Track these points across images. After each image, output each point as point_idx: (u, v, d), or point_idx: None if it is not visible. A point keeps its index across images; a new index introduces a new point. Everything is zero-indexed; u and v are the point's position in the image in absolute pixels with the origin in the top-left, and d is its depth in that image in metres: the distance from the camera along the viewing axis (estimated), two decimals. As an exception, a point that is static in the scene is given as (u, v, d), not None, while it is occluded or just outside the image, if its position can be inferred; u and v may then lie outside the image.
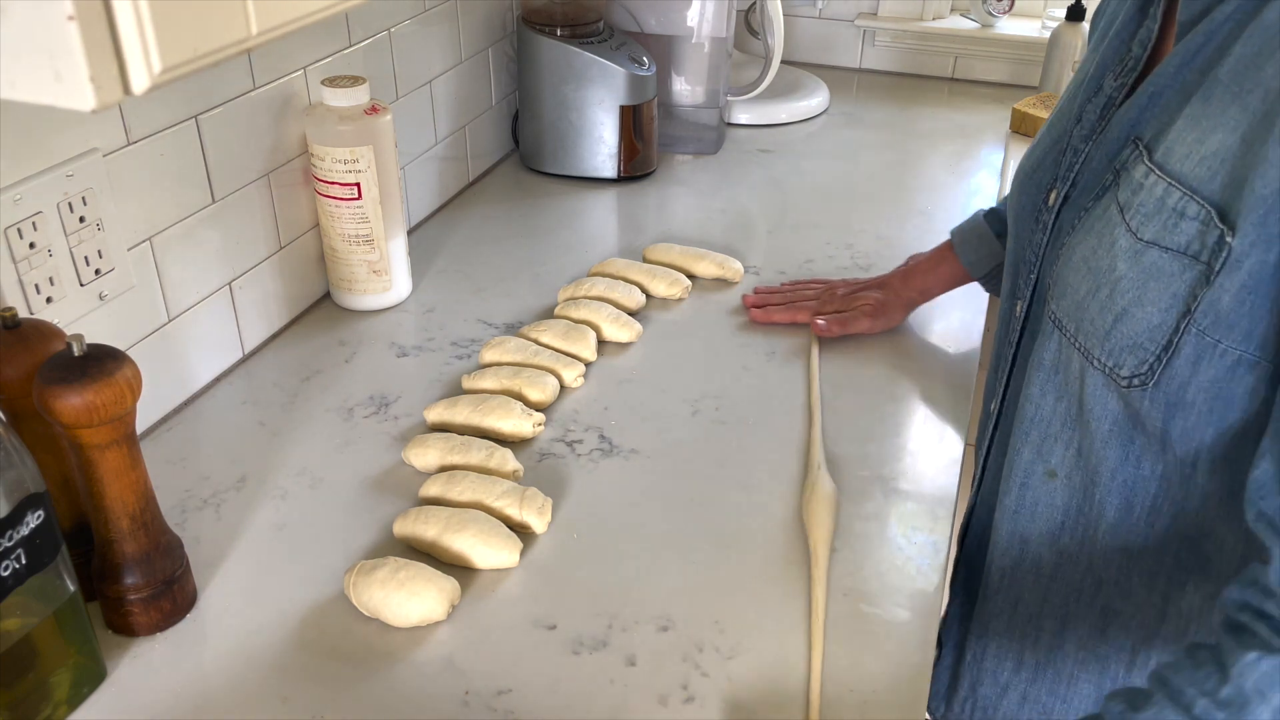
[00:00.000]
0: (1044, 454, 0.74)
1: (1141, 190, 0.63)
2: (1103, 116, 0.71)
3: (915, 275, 1.08)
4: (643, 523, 0.84)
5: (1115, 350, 0.65)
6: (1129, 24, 0.72)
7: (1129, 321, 0.63)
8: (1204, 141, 0.60)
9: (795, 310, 1.09)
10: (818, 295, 1.11)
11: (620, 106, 1.39)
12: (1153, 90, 0.66)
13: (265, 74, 1.00)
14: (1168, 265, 0.61)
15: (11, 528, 0.60)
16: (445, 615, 0.75)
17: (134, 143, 0.87)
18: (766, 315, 1.10)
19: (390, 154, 1.06)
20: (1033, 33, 1.82)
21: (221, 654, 0.72)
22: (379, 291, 1.12)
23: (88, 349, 0.65)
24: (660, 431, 0.95)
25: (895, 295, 1.07)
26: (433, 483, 0.85)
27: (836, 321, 1.05)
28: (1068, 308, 0.68)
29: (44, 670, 0.65)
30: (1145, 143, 0.65)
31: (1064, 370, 0.70)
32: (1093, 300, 0.66)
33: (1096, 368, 0.67)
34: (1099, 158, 0.70)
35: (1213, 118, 0.60)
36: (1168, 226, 0.61)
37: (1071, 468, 0.72)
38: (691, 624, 0.75)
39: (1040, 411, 0.73)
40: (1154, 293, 0.62)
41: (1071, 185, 0.73)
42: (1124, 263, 0.63)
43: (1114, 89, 0.71)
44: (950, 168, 1.53)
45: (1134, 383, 0.64)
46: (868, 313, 1.06)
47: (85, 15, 0.39)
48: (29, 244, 0.78)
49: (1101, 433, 0.69)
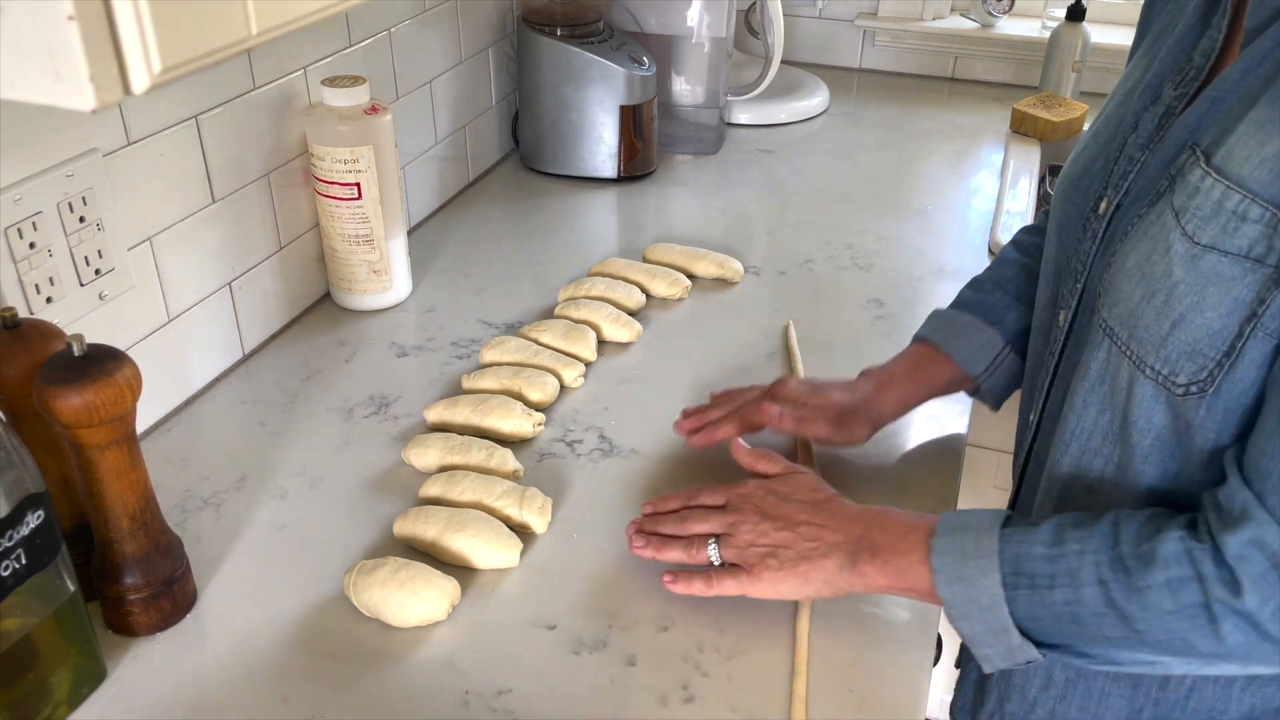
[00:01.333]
0: (1083, 468, 0.72)
1: (1198, 194, 0.62)
2: (1160, 125, 0.70)
3: (886, 385, 0.90)
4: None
5: (1172, 357, 0.63)
6: (1189, 33, 0.71)
7: (1187, 327, 0.62)
8: (1265, 144, 0.59)
9: (742, 417, 0.89)
10: (760, 394, 0.91)
11: (620, 106, 1.39)
12: (1214, 96, 0.65)
13: (265, 74, 1.00)
14: (1228, 269, 0.60)
15: (11, 528, 0.60)
16: (445, 615, 0.75)
17: (134, 143, 0.87)
18: (708, 437, 0.90)
19: (390, 154, 1.06)
20: (1033, 33, 1.82)
21: (221, 654, 0.72)
22: (379, 291, 1.12)
23: (88, 349, 0.65)
24: (660, 431, 0.95)
25: (865, 406, 0.88)
26: (433, 483, 0.85)
27: (791, 416, 0.87)
28: (1120, 315, 0.66)
29: (44, 670, 0.65)
30: (1203, 148, 0.63)
31: (1110, 380, 0.68)
32: (1147, 306, 0.64)
33: (1149, 376, 0.65)
34: (1155, 165, 0.69)
35: (1278, 120, 0.59)
36: (1227, 230, 0.60)
37: (1109, 484, 0.71)
38: (691, 624, 0.75)
39: (1082, 423, 0.71)
40: (1213, 298, 0.60)
41: (1125, 194, 0.71)
42: (1180, 268, 0.62)
43: (1173, 98, 0.70)
44: (950, 168, 1.53)
45: (1191, 390, 0.63)
46: (830, 416, 0.87)
47: (85, 15, 0.39)
48: (29, 244, 0.78)
49: (1143, 448, 0.67)
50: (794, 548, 0.73)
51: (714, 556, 0.75)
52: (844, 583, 0.72)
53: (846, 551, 0.72)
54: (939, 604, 0.69)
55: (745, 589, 0.74)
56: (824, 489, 0.78)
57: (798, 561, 0.73)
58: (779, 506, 0.76)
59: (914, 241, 1.30)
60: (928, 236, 1.32)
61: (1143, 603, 0.61)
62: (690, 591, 0.75)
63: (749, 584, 0.74)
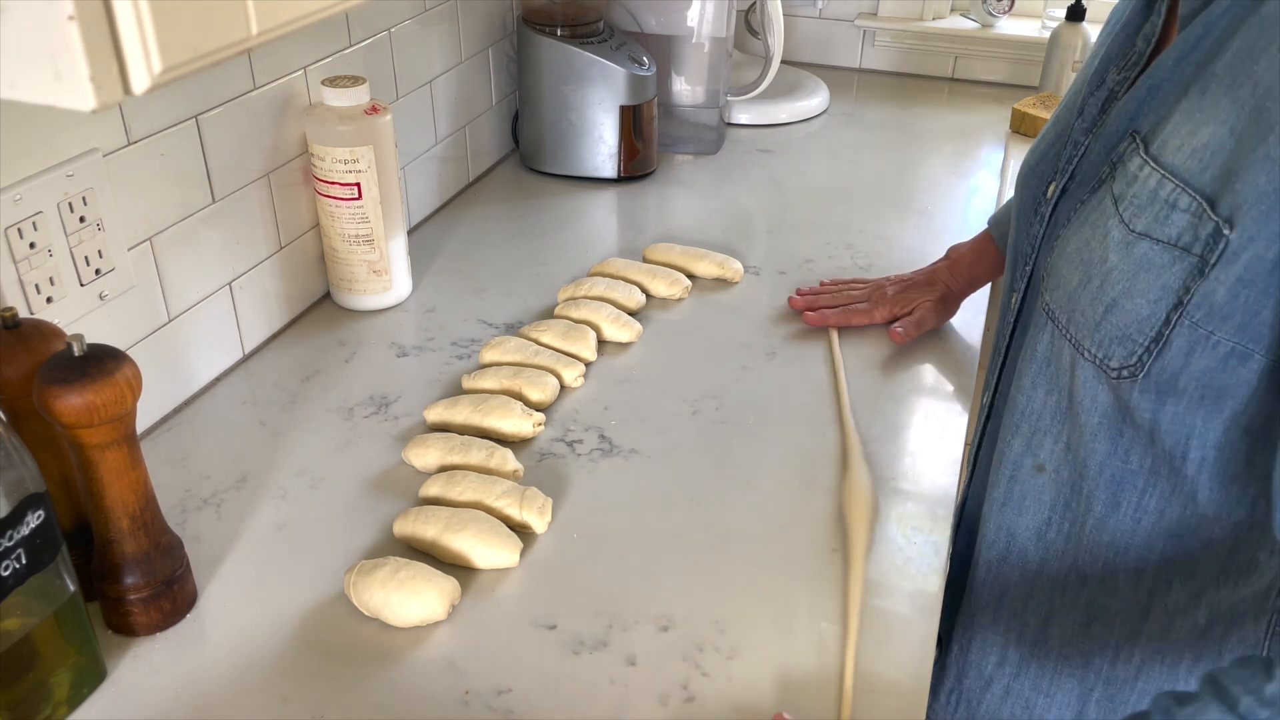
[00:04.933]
0: (1033, 447, 0.74)
1: (1136, 182, 0.63)
2: (1103, 110, 0.71)
3: (961, 266, 1.07)
4: (643, 523, 0.84)
5: (1105, 341, 0.65)
6: (1134, 19, 0.72)
7: (1119, 312, 0.63)
8: (1196, 134, 0.60)
9: (850, 313, 1.07)
10: (865, 295, 1.09)
11: (620, 106, 1.39)
12: (1151, 83, 0.66)
13: (265, 74, 1.00)
14: (1158, 257, 0.61)
15: (11, 528, 0.60)
16: (445, 615, 0.75)
17: (134, 143, 0.87)
18: (822, 318, 1.08)
19: (390, 154, 1.06)
20: (1033, 33, 1.83)
21: (221, 654, 0.72)
22: (379, 291, 1.12)
23: (88, 349, 0.65)
24: (660, 431, 0.95)
25: (948, 288, 1.07)
26: (433, 483, 0.85)
27: (912, 325, 1.04)
28: (1060, 299, 0.68)
29: (44, 670, 0.65)
30: (1142, 135, 0.65)
31: (1055, 362, 0.71)
32: (1084, 291, 0.66)
33: (1087, 359, 0.67)
34: (1097, 151, 0.71)
35: (1206, 110, 0.60)
36: (1159, 218, 0.61)
37: (1060, 461, 0.72)
38: (691, 624, 0.75)
39: (1031, 404, 0.74)
40: (1144, 284, 0.62)
41: (1070, 178, 0.73)
42: (1115, 254, 0.64)
43: (1116, 82, 0.71)
44: (950, 168, 1.53)
45: (1123, 374, 0.64)
46: (932, 309, 1.05)
47: (85, 15, 0.39)
48: (29, 244, 0.78)
49: (1091, 425, 0.69)
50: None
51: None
52: None
53: None
54: None
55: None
56: None
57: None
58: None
59: (914, 241, 1.30)
60: (928, 236, 1.32)
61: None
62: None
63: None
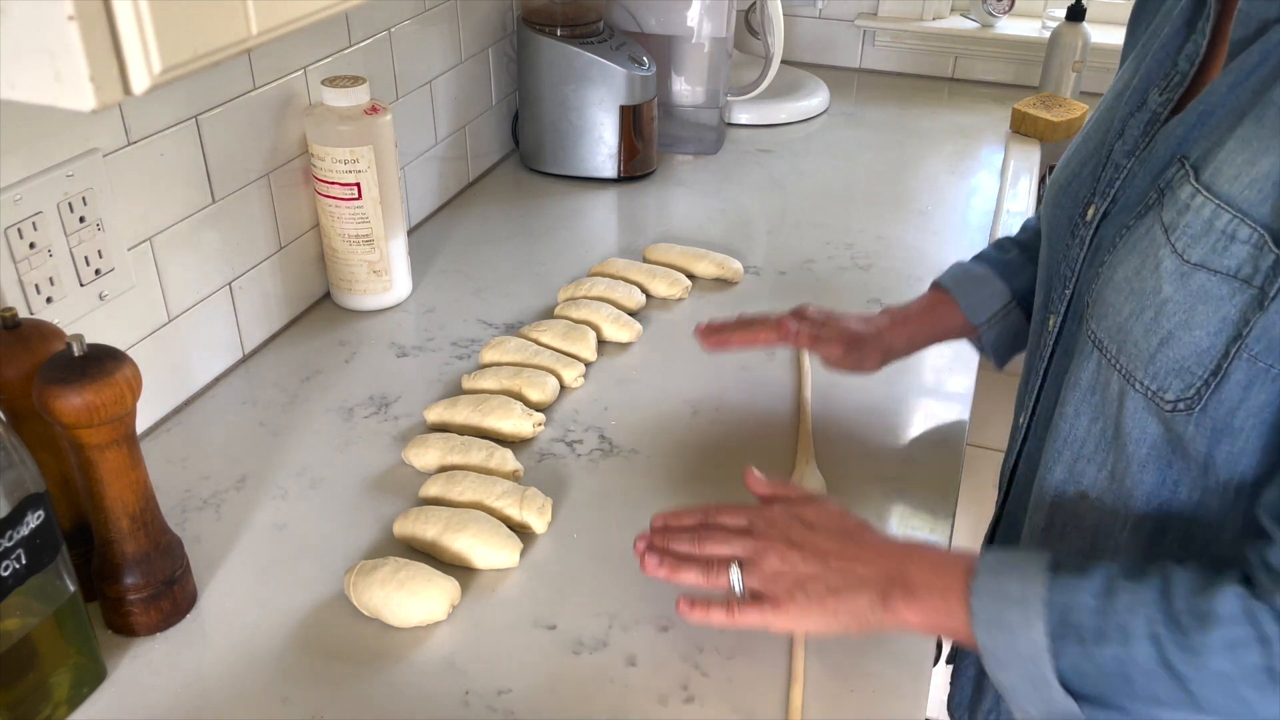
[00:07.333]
0: (1076, 475, 0.71)
1: (1188, 211, 0.61)
2: (1146, 132, 0.69)
3: (900, 321, 0.94)
4: (643, 523, 0.84)
5: (1160, 374, 0.63)
6: (1174, 38, 0.71)
7: (1175, 345, 0.61)
8: (1255, 164, 0.59)
9: (754, 330, 0.92)
10: (780, 317, 0.95)
11: (620, 106, 1.39)
12: (1203, 109, 0.65)
13: (265, 74, 1.00)
14: (1216, 288, 0.59)
15: (11, 528, 0.60)
16: (445, 615, 0.75)
17: (134, 143, 0.87)
18: (722, 339, 0.93)
19: (390, 154, 1.06)
20: (1033, 33, 1.82)
21: (221, 654, 0.72)
22: (379, 291, 1.12)
23: (88, 349, 0.65)
24: (660, 431, 0.95)
25: (877, 336, 0.92)
26: (433, 483, 0.85)
27: (807, 333, 0.90)
28: (1109, 329, 0.66)
29: (44, 670, 0.65)
30: (1192, 162, 0.63)
31: (1102, 391, 0.68)
32: (1136, 322, 0.64)
33: (1138, 390, 0.64)
34: (1143, 175, 0.69)
35: (1265, 139, 0.58)
36: (1217, 249, 0.59)
37: (1104, 490, 0.70)
38: (691, 624, 0.75)
39: (1075, 431, 0.71)
40: (1202, 316, 0.60)
41: (1112, 201, 0.71)
42: (1170, 285, 0.62)
43: (1159, 104, 0.69)
44: (950, 168, 1.53)
45: (1179, 407, 0.62)
46: (844, 339, 0.91)
47: (85, 15, 0.39)
48: (29, 244, 0.78)
49: (1139, 456, 0.66)
50: (823, 580, 0.68)
51: (736, 584, 0.69)
52: (875, 619, 0.67)
53: (879, 587, 0.67)
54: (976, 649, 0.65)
55: (769, 621, 0.68)
56: (852, 517, 0.73)
57: (826, 596, 0.68)
58: (806, 535, 0.71)
59: (914, 241, 1.30)
60: (928, 236, 1.32)
61: (1199, 664, 0.58)
62: (708, 621, 0.69)
63: (773, 616, 0.68)
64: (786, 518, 0.72)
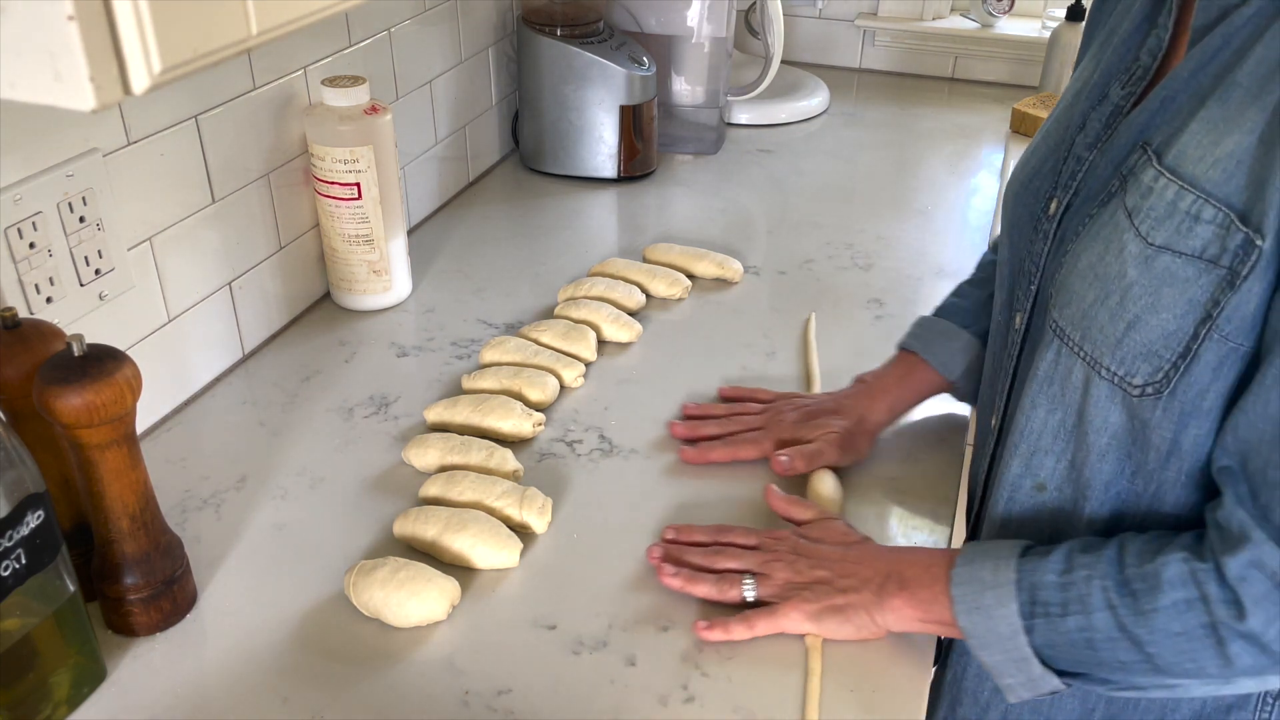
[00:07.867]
0: (1033, 467, 0.72)
1: (1151, 194, 0.62)
2: (1109, 125, 0.70)
3: (879, 394, 0.93)
4: (643, 523, 0.84)
5: (1128, 358, 0.63)
6: (1135, 33, 0.71)
7: (1142, 329, 0.62)
8: (1219, 144, 0.59)
9: (737, 446, 0.90)
10: (762, 423, 0.93)
11: (620, 106, 1.39)
12: (1164, 95, 0.65)
13: (265, 74, 1.00)
14: (1182, 270, 0.60)
15: (11, 528, 0.60)
16: (445, 615, 0.75)
17: (134, 143, 0.87)
18: (702, 455, 0.90)
19: (390, 154, 1.06)
20: (1033, 33, 1.83)
21: (221, 654, 0.72)
22: (379, 291, 1.12)
23: (88, 349, 0.65)
24: (661, 431, 0.95)
25: (860, 422, 0.91)
26: (433, 483, 0.85)
27: (801, 456, 0.87)
28: (1072, 316, 0.66)
29: (44, 670, 0.65)
30: (1154, 147, 0.63)
31: (1061, 381, 0.68)
32: (1101, 308, 0.64)
33: (1104, 377, 0.65)
34: (1104, 165, 0.69)
35: (1230, 120, 0.59)
36: (1181, 230, 0.60)
37: (1062, 480, 0.70)
38: (691, 624, 0.75)
39: (1031, 423, 0.71)
40: (1168, 299, 0.60)
41: (1074, 194, 0.71)
42: (1135, 268, 0.62)
43: (1121, 97, 0.70)
44: (950, 168, 1.53)
45: (1147, 391, 0.63)
46: (836, 443, 0.89)
47: (85, 15, 0.39)
48: (29, 244, 0.78)
49: (1099, 445, 0.67)
50: (830, 584, 0.74)
51: (749, 593, 0.74)
52: (878, 616, 0.72)
53: (877, 585, 0.72)
54: (962, 635, 0.69)
55: (782, 625, 0.73)
56: (855, 533, 0.79)
57: (834, 596, 0.73)
58: (812, 546, 0.77)
59: (914, 241, 1.30)
60: (928, 236, 1.32)
61: (1151, 626, 0.61)
62: (729, 637, 0.73)
63: (784, 620, 0.73)
64: (794, 536, 0.78)
